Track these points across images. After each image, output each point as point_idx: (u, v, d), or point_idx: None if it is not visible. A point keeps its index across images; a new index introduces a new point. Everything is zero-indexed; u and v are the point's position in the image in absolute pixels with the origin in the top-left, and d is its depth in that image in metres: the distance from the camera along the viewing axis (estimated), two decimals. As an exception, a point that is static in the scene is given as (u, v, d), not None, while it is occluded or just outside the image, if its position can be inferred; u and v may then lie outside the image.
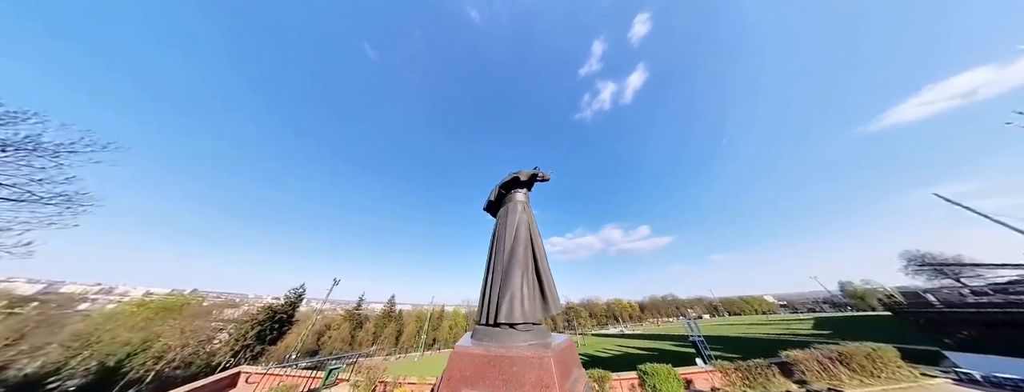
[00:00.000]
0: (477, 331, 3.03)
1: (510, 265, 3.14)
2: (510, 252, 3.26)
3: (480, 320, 3.16)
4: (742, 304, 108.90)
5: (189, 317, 30.68)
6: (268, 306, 37.80)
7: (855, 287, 77.75)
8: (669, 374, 9.16)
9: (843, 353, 9.12)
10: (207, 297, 40.49)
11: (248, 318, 36.07)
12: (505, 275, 3.09)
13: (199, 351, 30.85)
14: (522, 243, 3.31)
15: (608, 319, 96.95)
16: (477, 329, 3.05)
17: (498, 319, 2.86)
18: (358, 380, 12.96)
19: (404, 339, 65.39)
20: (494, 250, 3.49)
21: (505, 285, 3.01)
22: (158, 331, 27.66)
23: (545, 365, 2.43)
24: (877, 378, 8.63)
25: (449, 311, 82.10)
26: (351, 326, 59.43)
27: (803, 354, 9.31)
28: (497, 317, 2.87)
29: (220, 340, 33.86)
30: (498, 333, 2.83)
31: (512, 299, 2.89)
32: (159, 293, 41.12)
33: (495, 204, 4.12)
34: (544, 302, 3.16)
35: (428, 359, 54.74)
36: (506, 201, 3.92)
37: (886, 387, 8.26)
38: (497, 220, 3.88)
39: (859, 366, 8.88)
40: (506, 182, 3.95)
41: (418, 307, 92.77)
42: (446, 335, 72.31)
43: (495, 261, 3.35)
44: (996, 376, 8.53)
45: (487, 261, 3.54)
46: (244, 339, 33.62)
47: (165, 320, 28.66)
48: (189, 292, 40.17)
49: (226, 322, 36.03)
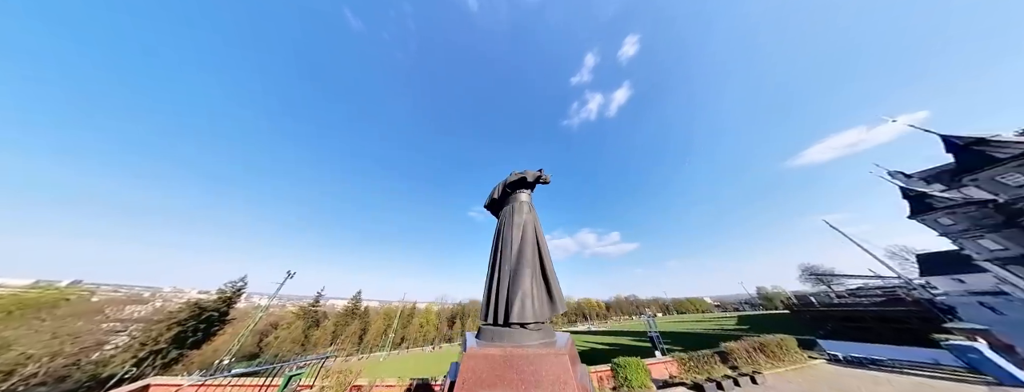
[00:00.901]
0: (486, 332, 2.95)
1: (519, 265, 3.13)
2: (518, 252, 3.25)
3: (487, 320, 3.05)
4: (688, 304, 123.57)
5: (66, 317, 22.49)
6: (193, 302, 30.04)
7: (767, 291, 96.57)
8: (639, 366, 10.33)
9: (762, 343, 12.00)
10: (97, 290, 30.83)
11: (164, 317, 28.11)
12: (515, 275, 3.08)
13: (81, 361, 22.84)
14: (530, 243, 3.31)
15: (578, 317, 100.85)
16: (485, 330, 2.97)
17: (510, 319, 2.84)
18: (326, 386, 10.22)
19: (370, 338, 58.67)
20: (500, 249, 3.42)
21: (516, 285, 2.99)
22: (8, 338, 19.51)
23: (562, 362, 2.49)
24: (783, 362, 11.63)
25: (421, 308, 76.65)
26: (305, 324, 51.45)
27: (735, 345, 11.81)
28: (509, 317, 2.85)
29: (116, 345, 25.70)
30: (511, 333, 2.81)
31: (524, 299, 2.90)
32: (15, 286, 29.07)
33: (498, 202, 4.10)
34: (551, 302, 3.10)
35: (395, 359, 49.28)
36: (510, 200, 3.85)
37: (788, 368, 11.27)
38: (501, 219, 3.81)
39: (772, 353, 11.80)
40: (512, 181, 3.90)
41: (387, 304, 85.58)
42: (416, 334, 66.83)
43: (502, 260, 3.29)
44: (852, 355, 12.19)
45: (493, 260, 3.43)
46: (155, 343, 25.96)
47: (22, 322, 20.43)
48: (66, 284, 30.14)
49: (127, 322, 27.62)
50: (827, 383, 9.41)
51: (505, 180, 4.04)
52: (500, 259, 3.31)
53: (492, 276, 3.29)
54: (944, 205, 24.14)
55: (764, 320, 51.16)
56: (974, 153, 18.37)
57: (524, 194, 3.89)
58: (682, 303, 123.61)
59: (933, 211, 24.97)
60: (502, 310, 2.93)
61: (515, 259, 3.19)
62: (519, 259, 3.17)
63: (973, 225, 22.84)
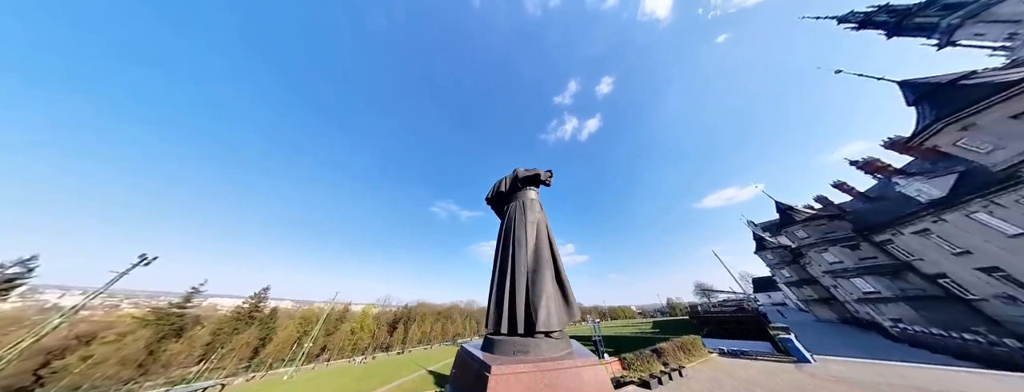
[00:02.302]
0: (503, 344, 2.53)
1: (538, 266, 2.86)
2: (535, 252, 2.96)
3: (501, 330, 2.66)
4: (619, 312, 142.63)
5: None
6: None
7: (672, 301, 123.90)
8: (599, 367, 12.57)
9: (683, 343, 15.28)
10: None
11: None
12: (536, 278, 2.78)
13: None
14: (544, 243, 3.08)
15: None
16: (502, 342, 2.56)
17: (536, 327, 2.52)
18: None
19: (272, 350, 46.39)
20: (512, 249, 3.03)
21: (539, 289, 2.70)
22: None
23: (600, 375, 2.27)
24: (694, 357, 15.06)
25: (356, 311, 65.93)
26: (153, 334, 37.21)
27: (667, 345, 14.75)
28: (534, 325, 2.54)
29: None
30: (537, 344, 2.47)
31: (548, 304, 2.63)
32: None
33: (503, 197, 3.77)
34: (568, 307, 2.86)
35: (305, 377, 38.68)
36: (518, 197, 3.55)
37: (698, 361, 14.56)
38: (509, 216, 3.40)
39: (686, 350, 15.08)
40: (524, 177, 3.65)
41: (308, 305, 69.83)
42: (343, 341, 56.49)
43: (515, 261, 2.91)
44: (730, 349, 17.15)
45: (503, 261, 3.02)
46: None
47: None
48: None
49: None
50: (723, 370, 13.36)
51: (514, 174, 3.76)
52: (514, 260, 2.93)
53: (504, 279, 2.88)
54: (769, 246, 36.44)
55: (671, 325, 59.85)
56: (786, 215, 28.89)
57: (533, 191, 3.68)
58: (616, 311, 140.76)
59: (765, 249, 37.28)
60: (521, 317, 2.60)
61: (532, 260, 2.90)
62: (537, 259, 2.90)
63: (780, 261, 35.16)
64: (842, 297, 26.68)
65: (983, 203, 15.20)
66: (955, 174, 17.69)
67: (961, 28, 21.12)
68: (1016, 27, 19.10)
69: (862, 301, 22.69)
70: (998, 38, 20.06)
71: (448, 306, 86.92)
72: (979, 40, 20.99)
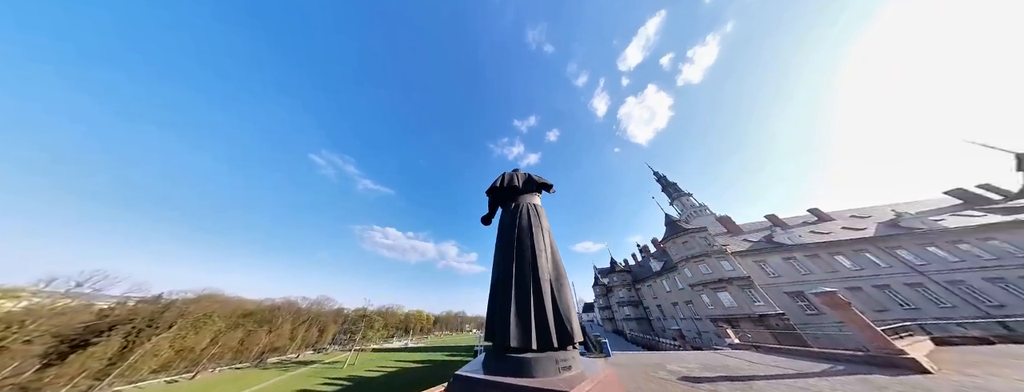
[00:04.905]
0: (544, 361, 2.16)
1: (557, 275, 2.67)
2: (553, 261, 2.77)
3: (514, 343, 2.26)
4: None
5: None
6: None
7: None
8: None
9: None
10: None
11: None
12: (558, 287, 2.58)
13: None
14: (556, 253, 2.91)
15: (396, 331, 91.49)
16: (523, 361, 2.16)
17: (573, 338, 2.33)
18: None
19: (75, 369, 27.32)
20: (532, 255, 2.71)
21: (565, 298, 2.54)
22: None
23: (622, 387, 2.22)
24: None
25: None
26: None
27: None
28: (571, 337, 2.33)
29: None
30: (576, 355, 2.34)
31: (570, 316, 2.44)
32: None
33: (506, 194, 3.49)
34: None
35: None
36: (526, 199, 3.34)
37: None
38: (520, 219, 3.06)
39: None
40: (541, 182, 3.55)
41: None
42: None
43: (538, 268, 2.62)
44: None
45: (519, 268, 2.66)
46: None
47: None
48: None
49: None
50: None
51: (527, 175, 3.61)
52: (535, 268, 2.64)
53: (525, 287, 2.54)
54: (599, 283, 56.63)
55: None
56: (612, 265, 48.65)
57: (538, 197, 3.54)
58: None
59: (597, 285, 57.32)
60: (553, 329, 2.33)
61: (552, 268, 2.71)
62: (556, 269, 2.71)
63: (601, 293, 55.59)
64: (618, 317, 46.89)
65: (668, 275, 34.80)
66: (663, 261, 38.57)
67: (678, 196, 47.07)
68: (688, 199, 44.92)
69: (624, 320, 41.89)
70: (686, 203, 46.11)
71: (279, 303, 61.18)
72: (683, 201, 47.20)
